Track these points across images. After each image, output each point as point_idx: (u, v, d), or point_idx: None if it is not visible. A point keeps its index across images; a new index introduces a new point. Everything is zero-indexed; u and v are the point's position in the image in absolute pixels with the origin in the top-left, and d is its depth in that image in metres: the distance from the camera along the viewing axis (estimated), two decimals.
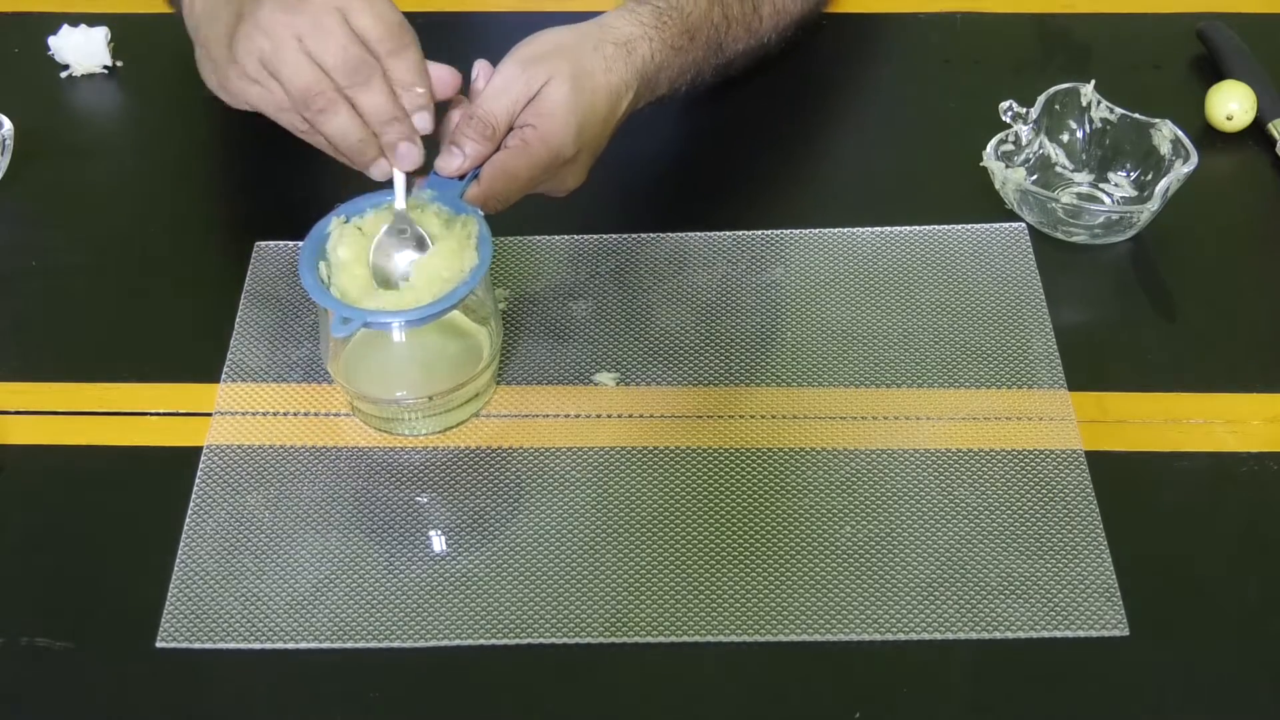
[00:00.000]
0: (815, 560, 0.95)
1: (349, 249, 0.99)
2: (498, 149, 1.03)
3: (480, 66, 1.04)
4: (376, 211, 1.01)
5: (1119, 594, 0.93)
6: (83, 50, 1.30)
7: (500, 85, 1.03)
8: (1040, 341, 1.07)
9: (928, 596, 0.93)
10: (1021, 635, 0.91)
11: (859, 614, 0.92)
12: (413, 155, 1.00)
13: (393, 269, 0.98)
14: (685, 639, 0.92)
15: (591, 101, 1.04)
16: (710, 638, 0.92)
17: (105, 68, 1.31)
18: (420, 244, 0.99)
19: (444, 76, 1.01)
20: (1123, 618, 0.92)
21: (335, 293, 0.98)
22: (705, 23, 1.13)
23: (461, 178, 1.02)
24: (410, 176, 1.01)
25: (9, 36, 1.35)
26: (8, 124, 1.21)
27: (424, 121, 1.00)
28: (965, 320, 1.09)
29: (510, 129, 1.03)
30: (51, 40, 1.31)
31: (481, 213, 1.00)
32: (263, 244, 1.14)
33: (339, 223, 1.00)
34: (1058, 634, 0.91)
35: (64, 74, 1.31)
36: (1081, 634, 0.91)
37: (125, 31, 1.32)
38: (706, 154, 1.24)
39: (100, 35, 1.30)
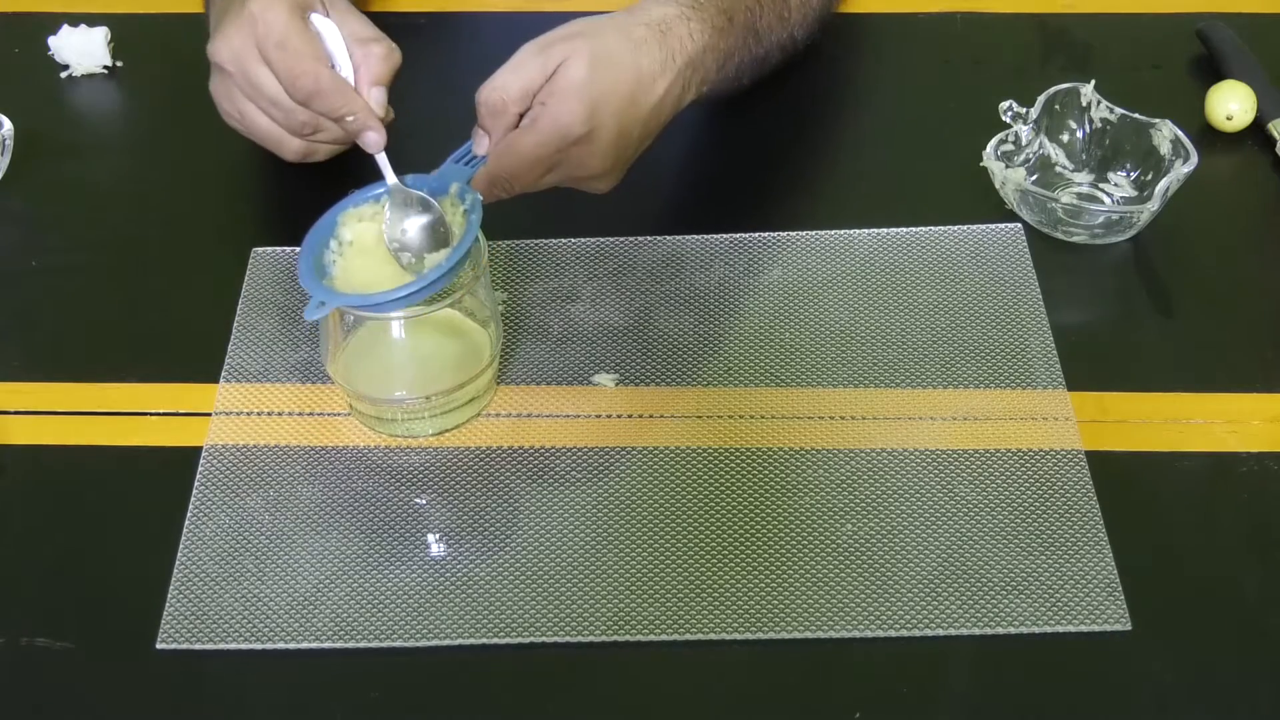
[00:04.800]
0: (816, 558, 0.95)
1: (353, 231, 1.00)
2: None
3: None
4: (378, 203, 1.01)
5: (1120, 589, 0.93)
6: (83, 50, 1.30)
7: (514, 65, 1.02)
8: (1038, 341, 1.07)
9: (929, 593, 0.93)
10: (1024, 630, 0.91)
11: (860, 611, 0.92)
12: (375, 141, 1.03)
13: (409, 240, 0.99)
14: (686, 637, 0.92)
15: (612, 81, 1.03)
16: (711, 635, 0.92)
17: (105, 68, 1.31)
18: (426, 206, 0.99)
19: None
20: (1124, 612, 0.92)
21: (341, 276, 0.98)
22: (740, 4, 1.13)
23: (470, 164, 1.02)
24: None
25: (9, 36, 1.35)
26: (8, 124, 1.21)
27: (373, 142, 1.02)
28: (963, 321, 1.08)
29: (527, 111, 1.02)
30: (51, 40, 1.31)
31: (480, 199, 0.99)
32: (260, 250, 1.14)
33: (350, 213, 1.01)
34: (1060, 629, 0.91)
35: (64, 74, 1.30)
36: (1084, 629, 0.91)
37: (125, 31, 1.32)
38: (704, 156, 1.23)
39: (100, 35, 1.30)
